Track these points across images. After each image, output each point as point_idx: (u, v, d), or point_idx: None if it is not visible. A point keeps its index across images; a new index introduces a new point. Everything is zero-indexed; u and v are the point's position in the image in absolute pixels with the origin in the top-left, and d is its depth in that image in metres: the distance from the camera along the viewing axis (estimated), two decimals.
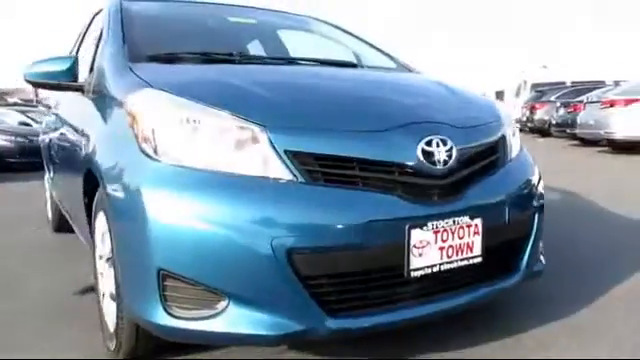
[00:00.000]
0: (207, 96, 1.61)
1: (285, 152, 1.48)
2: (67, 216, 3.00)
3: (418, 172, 1.59)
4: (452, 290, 1.66)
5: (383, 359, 1.76)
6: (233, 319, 1.44)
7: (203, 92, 1.65)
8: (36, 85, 2.36)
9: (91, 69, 2.31)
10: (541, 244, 1.99)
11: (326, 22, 3.03)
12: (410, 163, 1.58)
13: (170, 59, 2.09)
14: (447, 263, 1.61)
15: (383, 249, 1.51)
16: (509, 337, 1.89)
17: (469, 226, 1.63)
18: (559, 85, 17.06)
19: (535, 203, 1.91)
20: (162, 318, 1.47)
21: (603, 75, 19.19)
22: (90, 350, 1.91)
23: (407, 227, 1.52)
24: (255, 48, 2.63)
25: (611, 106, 8.76)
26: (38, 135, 4.84)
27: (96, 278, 2.06)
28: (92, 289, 2.55)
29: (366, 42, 2.88)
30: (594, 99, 9.90)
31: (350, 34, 2.94)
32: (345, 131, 1.58)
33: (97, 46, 2.39)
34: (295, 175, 1.48)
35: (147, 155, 1.53)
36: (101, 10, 2.97)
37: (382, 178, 1.55)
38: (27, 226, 4.25)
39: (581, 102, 10.68)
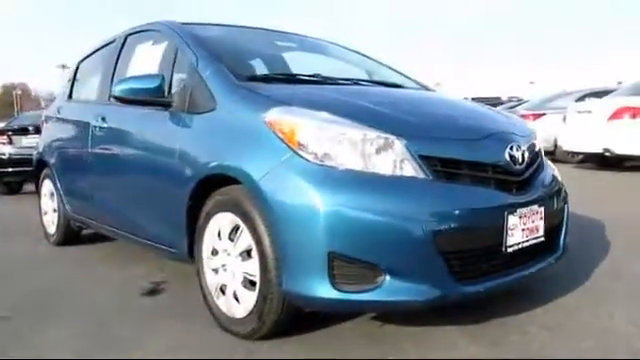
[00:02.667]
0: (342, 112, 1.98)
1: (419, 156, 1.89)
2: (110, 230, 3.13)
3: (506, 170, 2.06)
4: (529, 261, 2.14)
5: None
6: (389, 290, 1.80)
7: (335, 109, 2.00)
8: (124, 100, 2.54)
9: (169, 89, 2.52)
10: None
11: (346, 47, 3.45)
12: (501, 164, 2.05)
13: (266, 79, 2.40)
14: (525, 241, 2.09)
15: (490, 230, 1.97)
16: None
17: (537, 212, 2.13)
18: None
19: (564, 195, 2.45)
20: (330, 293, 1.79)
21: (498, 92, 21.24)
22: (214, 339, 2.14)
23: (505, 213, 1.98)
24: (309, 68, 2.95)
25: None
26: None
27: (201, 275, 2.29)
28: (153, 291, 2.75)
29: (385, 64, 3.33)
30: None
31: (368, 57, 3.38)
32: (455, 139, 2.03)
33: (172, 67, 2.61)
34: (427, 174, 1.88)
35: (307, 160, 1.85)
36: (138, 32, 3.17)
37: (483, 176, 2.01)
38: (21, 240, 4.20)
39: None
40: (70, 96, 3.95)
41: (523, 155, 2.15)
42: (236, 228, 2.09)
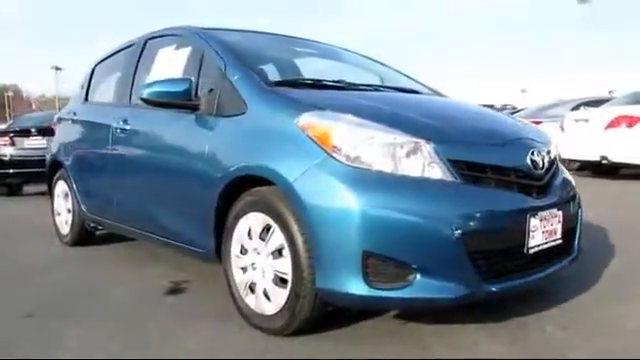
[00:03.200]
0: (371, 117, 2.06)
1: (447, 160, 1.97)
2: (131, 230, 3.19)
3: (527, 175, 2.16)
4: (547, 263, 2.23)
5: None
6: (420, 287, 1.88)
7: (364, 113, 2.08)
8: (152, 103, 2.60)
9: (196, 92, 2.58)
10: None
11: (359, 53, 3.54)
12: (523, 168, 2.14)
13: (292, 84, 2.47)
14: (545, 243, 2.18)
15: (513, 232, 2.06)
16: None
17: (556, 216, 2.22)
18: None
19: (579, 200, 2.55)
20: (363, 290, 1.87)
21: (491, 100, 21.48)
22: (247, 337, 2.21)
23: (527, 216, 2.07)
24: (328, 74, 3.02)
25: None
26: None
27: (229, 273, 2.36)
28: (175, 291, 2.81)
29: (397, 70, 3.42)
30: None
31: (380, 63, 3.47)
32: (480, 144, 2.12)
33: (198, 71, 2.68)
34: (454, 177, 1.97)
35: (340, 162, 1.93)
36: (158, 36, 3.24)
37: (506, 179, 2.09)
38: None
39: None
40: (86, 99, 4.00)
41: (543, 160, 2.24)
42: (267, 228, 2.16)
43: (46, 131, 7.96)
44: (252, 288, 2.26)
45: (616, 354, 1.97)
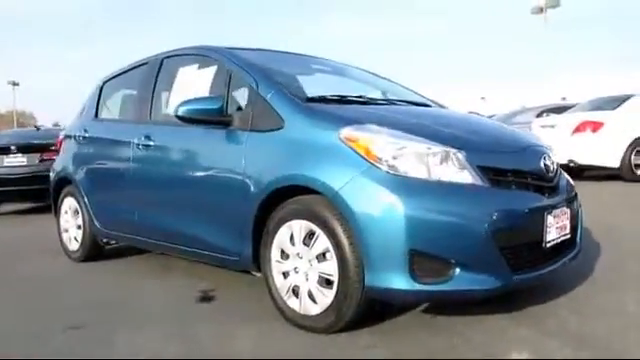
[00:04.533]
0: (405, 129, 2.29)
1: (477, 166, 2.21)
2: (154, 243, 3.31)
3: (541, 177, 2.43)
4: (560, 255, 2.50)
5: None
6: (460, 281, 2.11)
7: (398, 126, 2.32)
8: (187, 120, 2.76)
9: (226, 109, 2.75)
10: None
11: (363, 69, 3.78)
12: (538, 172, 2.42)
13: (321, 100, 2.68)
14: (558, 238, 2.45)
15: (534, 228, 2.32)
16: None
17: (565, 213, 2.50)
18: None
19: (579, 199, 2.84)
20: (411, 285, 2.08)
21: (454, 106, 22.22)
22: (293, 337, 2.38)
23: (545, 213, 2.34)
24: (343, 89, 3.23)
25: None
26: None
27: (269, 278, 2.53)
28: (206, 298, 2.94)
29: (401, 85, 3.68)
30: None
31: (384, 78, 3.72)
32: (502, 152, 2.39)
33: (227, 89, 2.84)
34: (483, 181, 2.21)
35: (383, 171, 2.15)
36: (177, 56, 3.40)
37: (525, 182, 2.36)
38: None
39: None
40: (96, 115, 4.08)
41: (552, 164, 2.52)
42: (310, 233, 2.35)
43: (26, 148, 7.87)
44: (295, 291, 2.43)
45: (625, 331, 2.25)
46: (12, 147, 7.86)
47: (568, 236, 2.54)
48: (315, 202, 2.31)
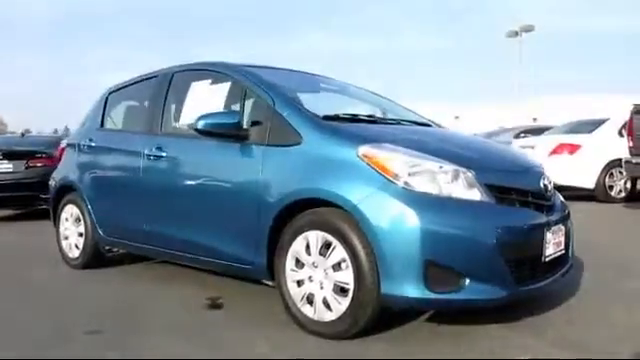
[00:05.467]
0: (418, 148, 2.46)
1: (485, 185, 2.39)
2: (161, 251, 3.39)
3: (541, 196, 2.62)
4: (555, 269, 2.69)
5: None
6: (470, 290, 2.27)
7: (411, 145, 2.48)
8: (205, 133, 2.87)
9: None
10: None
11: (362, 88, 3.96)
12: (537, 191, 2.61)
13: (337, 118, 2.83)
14: (554, 253, 2.64)
15: (535, 243, 2.50)
16: None
17: (561, 230, 2.70)
18: None
19: (571, 217, 3.04)
20: (424, 294, 2.23)
21: None
22: (307, 342, 2.50)
23: (544, 229, 2.52)
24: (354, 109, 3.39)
25: None
26: None
27: (283, 286, 2.64)
28: (214, 306, 3.04)
29: (400, 105, 3.86)
30: None
31: (383, 97, 3.90)
32: (506, 171, 2.58)
33: (242, 105, 2.98)
34: (490, 198, 2.39)
35: (399, 187, 2.30)
36: (189, 70, 3.52)
37: (526, 200, 2.55)
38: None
39: None
40: (102, 125, 4.15)
41: (549, 184, 2.72)
42: (326, 244, 2.48)
43: (12, 155, 7.81)
44: (309, 298, 2.55)
45: (618, 338, 2.44)
46: None
47: (563, 252, 2.73)
48: (332, 214, 2.45)
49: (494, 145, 3.08)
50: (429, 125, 3.38)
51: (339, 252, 2.42)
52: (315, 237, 2.51)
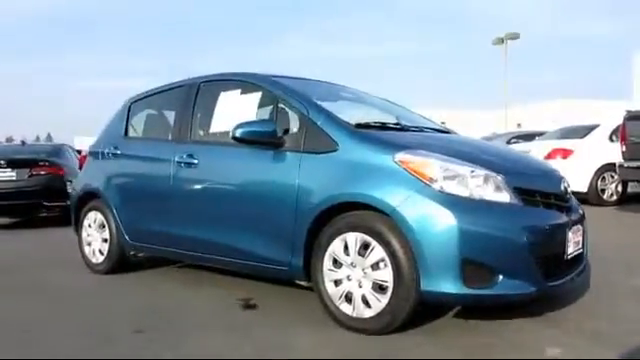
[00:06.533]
0: (449, 154, 2.63)
1: (513, 188, 2.57)
2: (192, 255, 3.52)
3: (561, 198, 2.81)
4: (573, 267, 2.87)
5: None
6: (503, 286, 2.44)
7: (442, 151, 2.66)
8: (242, 140, 3.02)
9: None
10: None
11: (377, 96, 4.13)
12: (559, 193, 2.80)
13: (367, 126, 2.99)
14: (574, 251, 2.83)
15: (559, 241, 2.69)
16: None
17: (579, 230, 2.89)
18: None
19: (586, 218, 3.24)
20: (462, 290, 2.40)
21: None
22: (347, 338, 2.65)
23: (566, 229, 2.71)
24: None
25: None
26: None
27: (320, 286, 2.79)
28: (249, 306, 3.16)
29: (415, 112, 4.04)
30: None
31: (399, 105, 4.07)
32: (531, 175, 2.78)
33: (275, 114, 3.13)
34: (518, 201, 2.57)
35: (436, 190, 2.47)
36: (217, 81, 3.67)
37: (549, 202, 2.74)
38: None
39: None
40: (126, 133, 4.27)
41: (568, 187, 2.92)
42: (364, 244, 2.63)
43: (15, 163, 7.84)
44: (348, 297, 2.69)
45: (635, 331, 2.63)
46: (1, 162, 7.81)
47: (581, 250, 2.92)
48: (370, 217, 2.61)
49: (514, 151, 3.27)
50: (447, 132, 3.57)
51: (378, 252, 2.58)
52: (354, 238, 2.66)
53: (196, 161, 3.44)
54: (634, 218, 7.33)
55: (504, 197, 2.55)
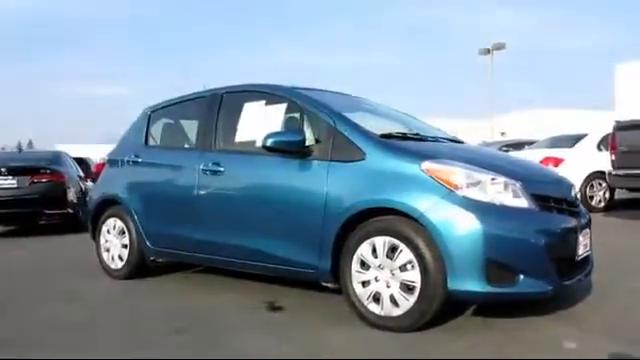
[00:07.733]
0: (470, 162, 2.83)
1: (531, 195, 2.78)
2: (216, 259, 3.67)
3: (572, 204, 3.03)
4: (582, 268, 3.08)
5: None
6: (523, 285, 2.64)
7: (463, 160, 2.86)
8: (272, 149, 3.18)
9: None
10: None
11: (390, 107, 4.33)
12: (569, 199, 3.02)
13: (389, 136, 3.18)
14: (583, 253, 3.05)
15: (571, 243, 2.90)
16: None
17: (588, 233, 3.11)
18: None
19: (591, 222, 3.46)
20: (486, 288, 2.59)
21: None
22: (374, 336, 2.82)
23: (577, 232, 2.93)
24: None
25: None
26: None
27: (348, 287, 2.96)
28: (274, 308, 3.31)
29: (426, 123, 4.24)
30: None
31: (410, 116, 4.27)
32: (545, 182, 2.99)
33: (301, 124, 3.29)
34: (535, 206, 2.78)
35: (461, 196, 2.67)
36: (238, 92, 3.83)
37: (561, 207, 2.95)
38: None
39: None
40: (146, 142, 4.39)
41: (576, 193, 3.14)
42: (392, 247, 2.81)
43: (17, 171, 7.85)
44: (376, 297, 2.86)
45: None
46: (2, 169, 7.81)
47: (589, 252, 3.14)
48: (398, 222, 2.79)
49: (526, 160, 3.49)
50: (461, 142, 3.77)
51: (406, 254, 2.76)
52: (382, 242, 2.84)
53: (222, 169, 3.59)
54: (622, 223, 7.62)
55: (522, 202, 2.75)
